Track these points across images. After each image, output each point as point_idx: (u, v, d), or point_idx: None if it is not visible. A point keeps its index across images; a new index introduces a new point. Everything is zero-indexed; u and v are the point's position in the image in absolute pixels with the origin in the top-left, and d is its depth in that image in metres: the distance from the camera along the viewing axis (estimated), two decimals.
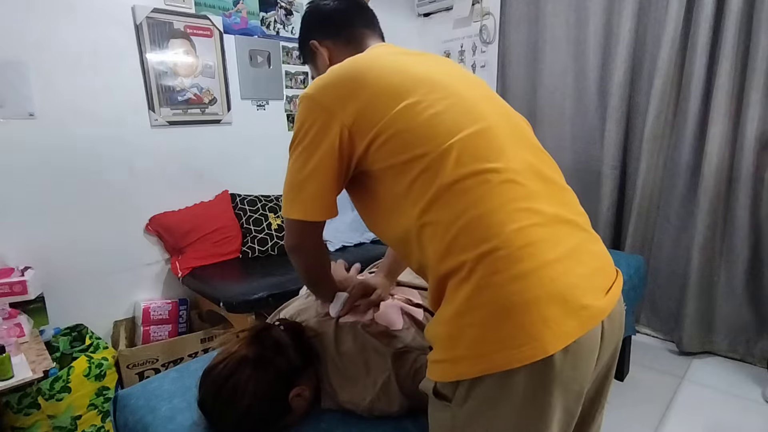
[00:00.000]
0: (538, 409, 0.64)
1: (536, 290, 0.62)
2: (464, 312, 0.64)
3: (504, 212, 0.66)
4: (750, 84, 1.93)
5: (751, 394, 1.89)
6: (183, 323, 2.19)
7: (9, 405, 1.54)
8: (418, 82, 0.75)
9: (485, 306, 0.63)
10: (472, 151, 0.70)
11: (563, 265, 0.65)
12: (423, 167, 0.70)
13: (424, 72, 0.77)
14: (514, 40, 2.80)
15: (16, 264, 1.77)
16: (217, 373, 0.87)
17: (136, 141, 2.09)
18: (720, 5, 1.98)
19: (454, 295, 0.66)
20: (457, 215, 0.67)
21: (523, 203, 0.68)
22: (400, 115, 0.72)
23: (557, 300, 0.62)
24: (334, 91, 0.76)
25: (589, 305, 0.65)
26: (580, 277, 0.66)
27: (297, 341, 0.96)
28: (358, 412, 0.91)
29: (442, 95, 0.74)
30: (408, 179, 0.71)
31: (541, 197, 0.70)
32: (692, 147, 2.14)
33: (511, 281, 0.62)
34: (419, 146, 0.70)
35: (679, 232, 2.24)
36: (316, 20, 1.00)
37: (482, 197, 0.67)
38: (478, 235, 0.65)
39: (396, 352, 0.94)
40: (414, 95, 0.73)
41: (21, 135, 1.78)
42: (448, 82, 0.77)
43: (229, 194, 2.42)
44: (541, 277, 0.63)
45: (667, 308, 2.32)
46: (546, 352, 0.60)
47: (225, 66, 2.36)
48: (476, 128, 0.72)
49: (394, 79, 0.75)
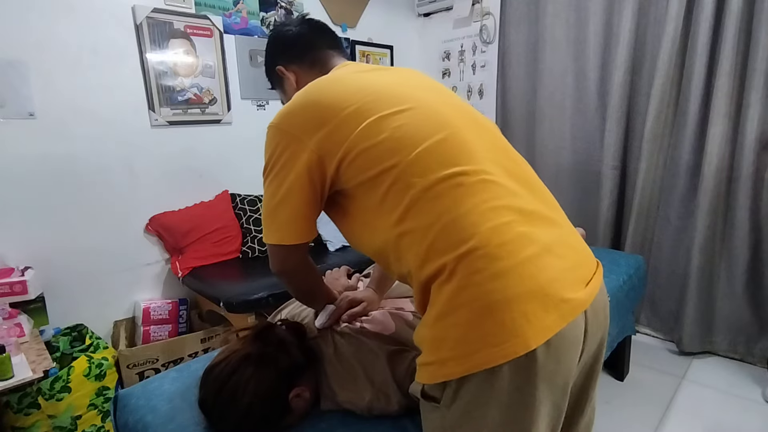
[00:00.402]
0: (525, 404, 0.65)
1: (516, 287, 0.63)
2: (447, 313, 0.65)
3: (479, 212, 0.67)
4: (750, 84, 1.93)
5: (751, 394, 1.89)
6: (183, 323, 2.19)
7: (9, 405, 1.54)
8: (380, 97, 0.77)
9: (466, 305, 0.64)
10: (441, 157, 0.71)
11: (542, 260, 0.66)
12: (393, 179, 0.71)
13: (385, 86, 0.79)
14: (514, 40, 2.80)
15: (16, 264, 1.77)
16: (219, 371, 0.87)
17: (136, 141, 2.09)
18: (720, 5, 1.98)
19: (437, 298, 0.67)
20: (432, 220, 0.68)
21: (498, 201, 0.69)
22: (364, 133, 0.73)
23: (537, 295, 0.63)
24: (299, 119, 0.78)
25: (569, 298, 0.66)
26: (559, 271, 0.67)
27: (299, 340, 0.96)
28: (357, 412, 0.91)
29: (405, 107, 0.75)
30: (380, 192, 0.72)
31: (516, 195, 0.72)
32: (692, 147, 2.14)
33: (491, 279, 0.63)
34: (387, 159, 0.71)
35: (679, 232, 2.24)
36: (280, 46, 1.04)
37: (456, 200, 0.68)
38: (455, 237, 0.66)
39: (391, 352, 0.94)
40: (377, 111, 0.74)
41: (21, 135, 1.78)
42: (411, 93, 0.79)
43: (229, 194, 2.42)
44: (520, 274, 0.64)
45: (667, 308, 2.33)
46: (528, 347, 0.61)
47: (225, 66, 2.36)
48: (443, 135, 0.73)
49: (355, 98, 0.76)
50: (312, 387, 0.94)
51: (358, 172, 0.74)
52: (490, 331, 0.62)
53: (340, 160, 0.75)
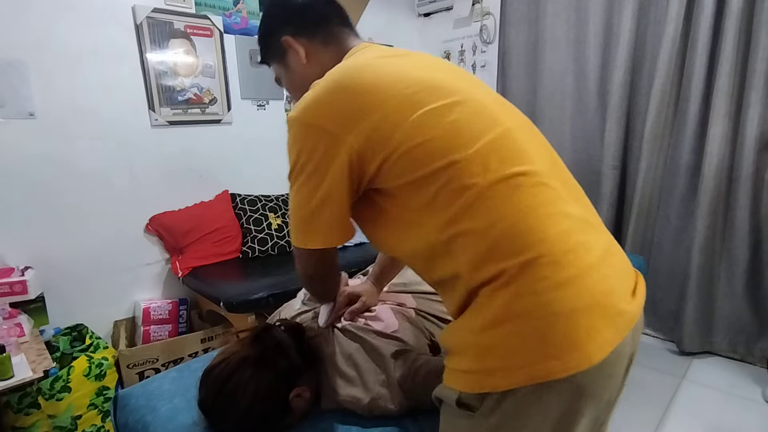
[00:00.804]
0: (569, 419, 0.63)
1: (579, 298, 0.60)
2: (500, 321, 0.62)
3: (540, 216, 0.63)
4: (750, 84, 1.93)
5: (751, 394, 1.89)
6: (183, 323, 2.19)
7: (9, 405, 1.54)
8: (423, 88, 0.68)
9: (525, 315, 0.60)
10: (499, 155, 0.66)
11: (600, 271, 0.64)
12: (448, 177, 0.65)
13: (426, 75, 0.71)
14: (514, 40, 2.80)
15: (16, 264, 1.77)
16: (218, 373, 0.87)
17: (136, 141, 2.09)
18: (720, 5, 1.98)
19: (488, 304, 0.63)
20: (491, 222, 0.63)
21: (556, 207, 0.66)
22: (414, 128, 0.66)
23: (599, 307, 0.61)
24: (331, 111, 0.67)
25: (624, 310, 0.64)
26: (615, 281, 0.65)
27: (298, 342, 0.96)
28: (358, 411, 0.91)
29: (454, 99, 0.68)
30: (430, 191, 0.65)
31: (567, 201, 0.68)
32: (692, 147, 2.14)
33: (554, 289, 0.60)
34: (441, 157, 0.65)
35: (679, 232, 2.24)
36: (287, 14, 0.87)
37: (517, 202, 0.64)
38: (519, 242, 0.62)
39: (395, 352, 0.94)
40: (424, 103, 0.67)
41: (21, 135, 1.78)
42: (454, 84, 0.72)
43: (229, 194, 2.42)
44: (585, 284, 0.61)
45: (667, 308, 2.32)
46: (591, 362, 0.59)
47: (225, 66, 2.36)
48: (497, 132, 0.68)
49: (396, 87, 0.68)
50: (312, 386, 0.94)
51: (406, 171, 0.66)
52: (550, 343, 0.59)
53: (384, 159, 0.66)
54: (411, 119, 0.66)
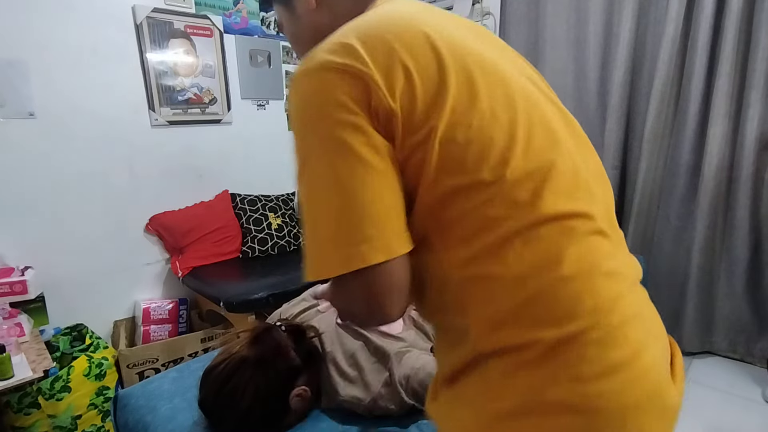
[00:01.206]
0: None
1: (633, 390, 0.47)
2: (527, 412, 0.47)
3: (594, 278, 0.48)
4: (750, 84, 1.93)
5: (751, 394, 1.89)
6: (183, 323, 2.19)
7: (9, 404, 1.54)
8: (476, 70, 0.50)
9: (564, 409, 0.46)
10: (555, 186, 0.49)
11: (651, 351, 0.50)
12: (486, 198, 0.48)
13: (473, 47, 0.52)
14: (514, 40, 2.79)
15: (16, 264, 1.77)
16: (218, 374, 0.87)
17: (136, 141, 2.09)
18: (720, 5, 1.98)
19: (505, 384, 0.48)
20: (527, 273, 0.47)
21: (610, 264, 0.50)
22: (463, 117, 0.48)
23: (651, 402, 0.48)
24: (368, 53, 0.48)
25: (671, 404, 0.51)
26: (660, 360, 0.52)
27: (297, 342, 0.96)
28: (359, 411, 0.91)
29: (515, 99, 0.51)
30: (454, 212, 0.48)
31: (619, 253, 0.53)
32: (692, 147, 2.14)
33: (603, 376, 0.46)
34: (481, 168, 0.48)
35: (679, 232, 2.24)
36: None
37: (565, 253, 0.48)
38: (562, 307, 0.47)
39: (398, 351, 0.94)
40: (475, 90, 0.49)
41: (21, 135, 1.78)
42: (507, 69, 0.53)
43: (229, 194, 2.42)
44: (641, 371, 0.48)
45: (667, 308, 2.32)
46: None
47: (225, 66, 2.35)
48: (558, 152, 0.51)
49: (447, 55, 0.49)
50: (312, 386, 0.94)
51: (435, 173, 0.49)
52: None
53: (413, 148, 0.49)
54: (451, 105, 0.50)
